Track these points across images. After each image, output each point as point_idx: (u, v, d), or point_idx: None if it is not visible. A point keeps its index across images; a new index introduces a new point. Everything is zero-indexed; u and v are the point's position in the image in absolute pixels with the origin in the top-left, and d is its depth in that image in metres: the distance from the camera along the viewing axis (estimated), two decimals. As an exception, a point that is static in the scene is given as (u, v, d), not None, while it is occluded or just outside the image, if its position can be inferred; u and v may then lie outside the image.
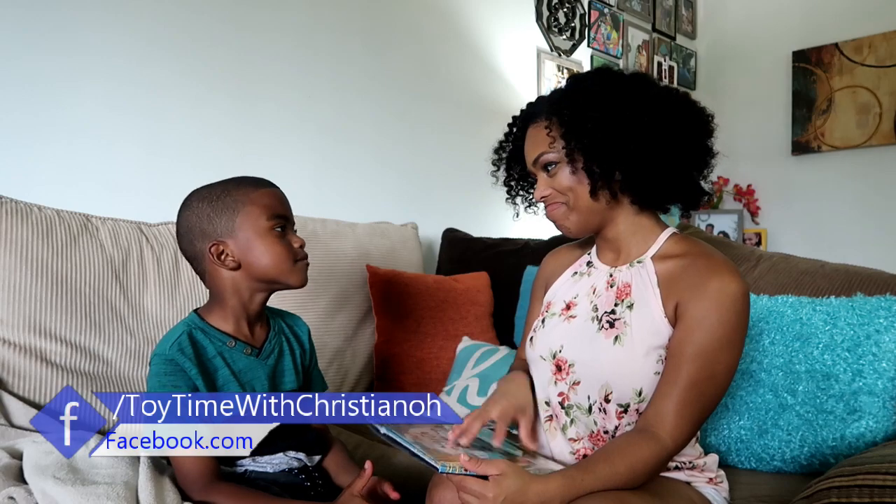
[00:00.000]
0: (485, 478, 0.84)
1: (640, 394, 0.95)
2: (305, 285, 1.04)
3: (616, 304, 1.00)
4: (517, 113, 1.10)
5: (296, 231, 1.05)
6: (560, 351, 1.03)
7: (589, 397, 0.99)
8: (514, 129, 1.11)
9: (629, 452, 0.90)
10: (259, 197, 1.00)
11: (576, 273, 1.11)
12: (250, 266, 0.99)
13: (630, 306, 0.98)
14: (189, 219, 1.00)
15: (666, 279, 0.97)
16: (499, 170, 1.16)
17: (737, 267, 0.97)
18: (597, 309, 1.02)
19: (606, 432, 0.99)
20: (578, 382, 1.00)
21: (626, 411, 0.97)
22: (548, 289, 1.14)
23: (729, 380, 0.94)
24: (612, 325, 0.98)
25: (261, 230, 0.99)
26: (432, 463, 0.82)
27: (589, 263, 1.09)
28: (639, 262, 1.01)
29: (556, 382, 1.03)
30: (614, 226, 1.03)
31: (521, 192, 1.16)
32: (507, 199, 1.17)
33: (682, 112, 0.99)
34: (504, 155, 1.14)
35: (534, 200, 1.13)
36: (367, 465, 0.96)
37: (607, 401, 0.97)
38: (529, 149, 1.04)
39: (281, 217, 1.01)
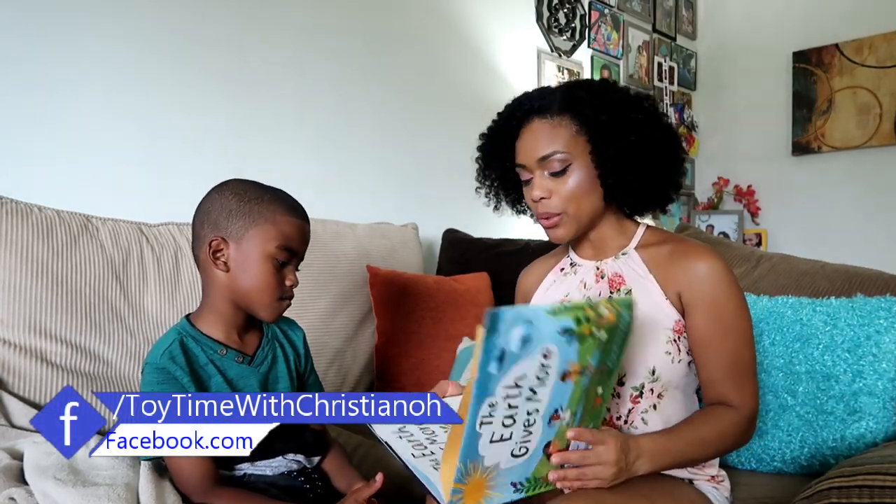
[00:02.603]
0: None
1: (653, 372, 0.98)
2: (274, 322, 1.05)
3: (612, 294, 1.03)
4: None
5: (298, 269, 1.02)
6: None
7: None
8: (513, 121, 1.03)
9: (712, 420, 0.95)
10: (283, 222, 0.98)
11: (561, 272, 1.12)
12: (236, 279, 0.97)
13: (628, 293, 1.01)
14: (213, 202, 0.99)
15: (655, 264, 1.02)
16: (483, 160, 1.11)
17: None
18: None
19: (619, 418, 1.00)
20: None
21: (641, 395, 0.98)
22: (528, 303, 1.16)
23: (752, 334, 1.00)
24: None
25: (264, 253, 0.96)
26: (437, 497, 0.76)
27: (572, 264, 1.11)
28: (623, 253, 1.05)
29: None
30: (598, 228, 1.06)
31: (498, 189, 1.12)
32: (482, 191, 1.14)
33: (674, 136, 1.04)
34: (490, 148, 1.09)
35: (523, 202, 1.10)
36: (379, 476, 0.96)
37: (621, 384, 0.99)
38: (533, 143, 0.99)
39: (290, 251, 0.99)
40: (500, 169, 1.09)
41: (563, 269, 1.13)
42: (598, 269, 1.06)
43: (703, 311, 0.97)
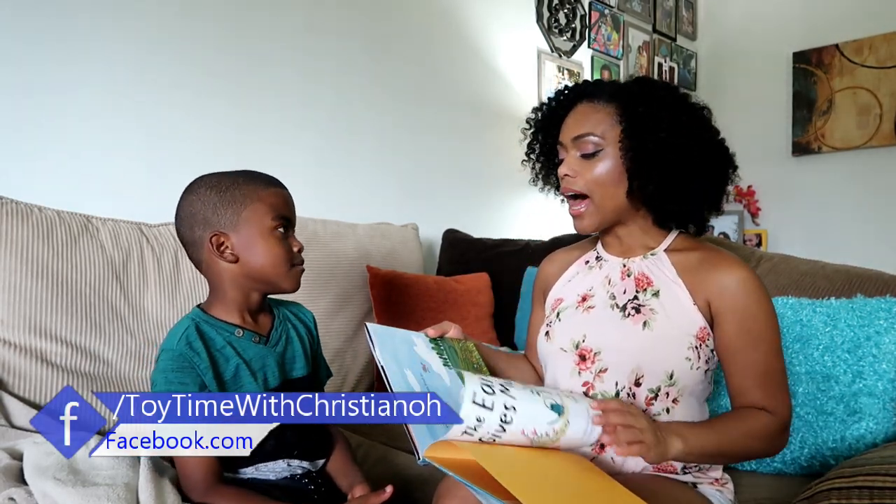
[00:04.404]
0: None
1: (671, 377, 0.98)
2: (297, 290, 1.04)
3: (638, 293, 1.02)
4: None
5: (295, 235, 1.04)
6: (583, 340, 1.03)
7: (617, 383, 1.00)
8: (562, 98, 1.08)
9: (742, 418, 0.96)
10: (268, 195, 1.00)
11: (586, 265, 1.12)
12: (247, 263, 0.98)
13: (655, 294, 1.01)
14: (193, 204, 0.99)
15: (684, 269, 1.01)
16: (531, 129, 1.14)
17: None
18: (614, 297, 1.04)
19: None
20: (605, 370, 1.00)
21: (656, 397, 0.98)
22: (546, 293, 1.16)
23: (780, 344, 1.00)
24: (638, 311, 1.00)
25: (264, 229, 0.98)
26: (417, 449, 0.79)
27: (598, 257, 1.11)
28: (652, 254, 1.05)
29: (579, 373, 1.03)
30: (626, 227, 1.06)
31: (538, 164, 1.15)
32: (524, 161, 1.16)
33: (726, 156, 1.04)
34: (540, 121, 1.11)
35: (551, 178, 1.13)
36: (389, 488, 0.96)
37: (637, 385, 0.99)
38: (574, 123, 1.02)
39: (285, 218, 1.01)
40: (542, 145, 1.12)
41: (587, 262, 1.13)
42: (624, 265, 1.06)
43: (732, 320, 0.97)
